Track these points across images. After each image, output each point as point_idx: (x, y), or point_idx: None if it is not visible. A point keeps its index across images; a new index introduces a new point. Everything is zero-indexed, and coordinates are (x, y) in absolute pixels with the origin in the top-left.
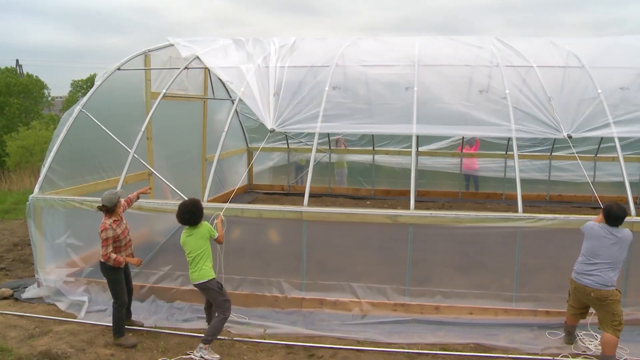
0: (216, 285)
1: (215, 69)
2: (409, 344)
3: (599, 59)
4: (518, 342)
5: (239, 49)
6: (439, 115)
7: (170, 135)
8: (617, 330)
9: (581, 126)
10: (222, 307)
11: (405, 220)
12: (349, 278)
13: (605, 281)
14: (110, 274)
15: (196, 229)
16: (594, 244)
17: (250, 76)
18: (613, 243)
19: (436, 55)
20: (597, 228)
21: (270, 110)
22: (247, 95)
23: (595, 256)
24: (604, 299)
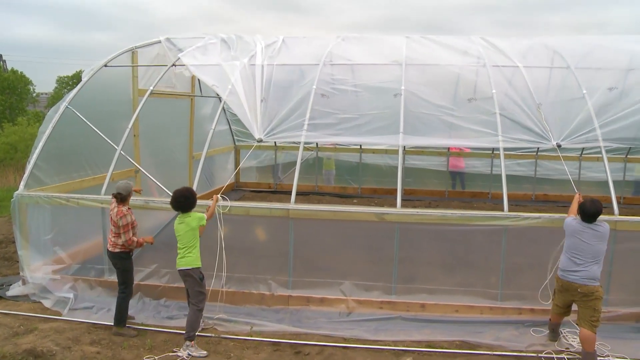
0: (198, 276)
1: (200, 73)
2: (395, 342)
3: (584, 60)
4: (503, 340)
5: (225, 49)
6: (427, 125)
7: (157, 132)
8: (594, 326)
9: (571, 134)
10: (196, 298)
11: (392, 218)
12: (336, 276)
13: (591, 275)
14: (125, 262)
15: (187, 218)
16: (575, 241)
17: (236, 79)
18: (593, 237)
19: (424, 56)
20: (575, 224)
21: (258, 118)
22: (234, 102)
23: (579, 252)
24: (590, 294)
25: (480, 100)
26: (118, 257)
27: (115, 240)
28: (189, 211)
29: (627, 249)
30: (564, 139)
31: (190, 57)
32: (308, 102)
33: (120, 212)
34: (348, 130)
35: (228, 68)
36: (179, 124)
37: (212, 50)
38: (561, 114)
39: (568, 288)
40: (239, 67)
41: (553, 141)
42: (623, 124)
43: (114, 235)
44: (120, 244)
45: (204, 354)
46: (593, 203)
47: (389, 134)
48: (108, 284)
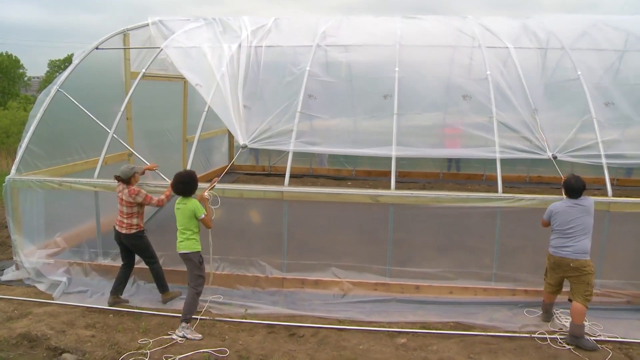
0: (197, 259)
1: (184, 70)
2: (390, 323)
3: (578, 41)
4: (497, 320)
5: (212, 34)
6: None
7: (150, 115)
8: (587, 300)
9: (567, 146)
10: (195, 282)
11: (386, 200)
12: (330, 258)
13: (581, 249)
14: (143, 240)
15: (185, 204)
16: (564, 218)
17: (222, 76)
18: (581, 212)
19: (418, 38)
20: (562, 204)
21: (242, 122)
22: (217, 104)
23: (568, 228)
24: (582, 268)
25: (474, 100)
26: (135, 238)
27: (130, 221)
28: (189, 196)
29: (620, 230)
30: (560, 151)
31: (175, 48)
32: (297, 103)
33: (133, 191)
34: (339, 138)
35: (214, 61)
36: (173, 106)
37: (200, 36)
38: (557, 114)
39: (560, 264)
40: (227, 58)
41: (549, 152)
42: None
43: (128, 216)
44: (135, 223)
45: (198, 337)
46: (577, 179)
47: (382, 144)
48: (102, 268)
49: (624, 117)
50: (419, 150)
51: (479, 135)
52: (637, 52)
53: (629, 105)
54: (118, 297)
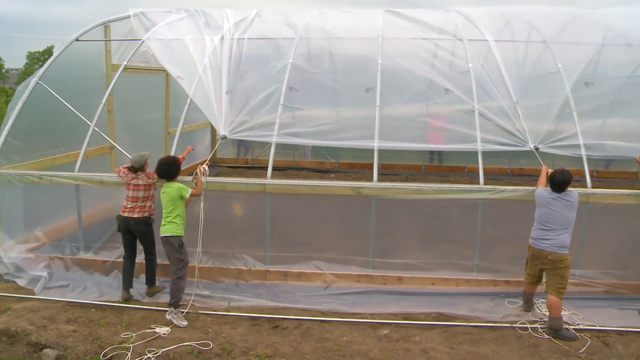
0: (177, 243)
1: (165, 62)
2: (372, 314)
3: (560, 35)
4: (479, 311)
5: (195, 26)
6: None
7: (132, 108)
8: (561, 293)
9: (547, 137)
10: (176, 266)
11: (368, 192)
12: (313, 250)
13: (561, 244)
14: (151, 228)
15: (170, 187)
16: (546, 210)
17: (204, 69)
18: (563, 206)
19: (401, 31)
20: (546, 194)
21: (223, 112)
22: (198, 96)
23: (549, 221)
24: (559, 262)
25: (457, 92)
26: (145, 224)
27: (144, 203)
28: (172, 180)
29: (599, 220)
30: (541, 142)
31: (157, 40)
32: (280, 95)
33: (150, 173)
34: (321, 130)
35: (197, 54)
36: (155, 99)
37: (182, 28)
38: (538, 105)
39: (538, 255)
40: (209, 50)
41: (530, 144)
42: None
43: (144, 200)
44: (149, 206)
45: (184, 324)
46: (562, 173)
47: (365, 136)
48: (84, 262)
49: (603, 110)
50: (401, 143)
51: (461, 129)
52: (616, 47)
53: (608, 98)
54: (129, 293)
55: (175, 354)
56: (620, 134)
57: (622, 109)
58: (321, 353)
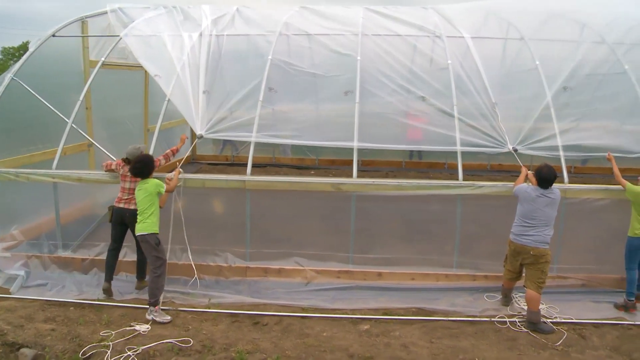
0: (154, 241)
1: (143, 60)
2: (353, 310)
3: (538, 32)
4: (458, 306)
5: (172, 23)
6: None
7: (110, 105)
8: (540, 287)
9: (527, 137)
10: (154, 264)
11: (348, 188)
12: (293, 246)
13: (543, 239)
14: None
15: (146, 183)
16: (529, 207)
17: (183, 67)
18: (547, 203)
19: (381, 29)
20: (530, 190)
21: (200, 112)
22: (176, 95)
23: (532, 218)
24: (540, 257)
25: (436, 88)
26: (136, 215)
27: (133, 196)
28: (148, 177)
29: (576, 215)
30: (519, 143)
31: (135, 37)
32: (259, 92)
33: (155, 161)
34: (301, 128)
35: (175, 52)
36: (134, 95)
37: (160, 25)
38: (517, 104)
39: (520, 251)
40: (188, 47)
41: (509, 145)
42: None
43: (130, 192)
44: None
45: (167, 319)
46: (549, 169)
47: (345, 132)
48: (62, 261)
49: (580, 106)
50: (381, 144)
51: (441, 130)
52: (592, 44)
53: (585, 95)
54: (110, 286)
55: (155, 352)
56: (597, 134)
57: (599, 105)
58: (302, 349)
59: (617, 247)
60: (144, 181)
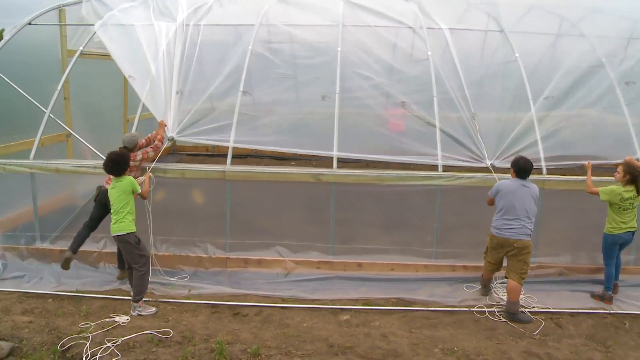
0: (134, 240)
1: (117, 57)
2: (333, 300)
3: (518, 24)
4: (437, 296)
5: (148, 17)
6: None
7: (89, 95)
8: (522, 278)
9: (505, 151)
10: (137, 263)
11: (328, 179)
12: (274, 237)
13: (525, 231)
14: None
15: (120, 182)
16: (510, 198)
17: (157, 66)
18: (527, 194)
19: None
20: (510, 183)
21: (172, 113)
22: (150, 98)
23: (513, 209)
24: (524, 248)
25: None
26: None
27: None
28: (122, 175)
29: (554, 206)
30: (497, 157)
31: (113, 25)
32: (236, 93)
33: (133, 156)
34: (280, 126)
35: (150, 49)
36: (113, 85)
37: (135, 16)
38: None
39: (503, 244)
40: (164, 42)
41: (487, 161)
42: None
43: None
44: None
45: (153, 310)
46: (525, 159)
47: (325, 129)
48: (40, 252)
49: (559, 100)
50: (361, 154)
51: (421, 145)
52: (570, 37)
53: (564, 87)
54: (71, 257)
55: (135, 343)
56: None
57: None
58: (282, 339)
59: (593, 237)
60: (117, 179)
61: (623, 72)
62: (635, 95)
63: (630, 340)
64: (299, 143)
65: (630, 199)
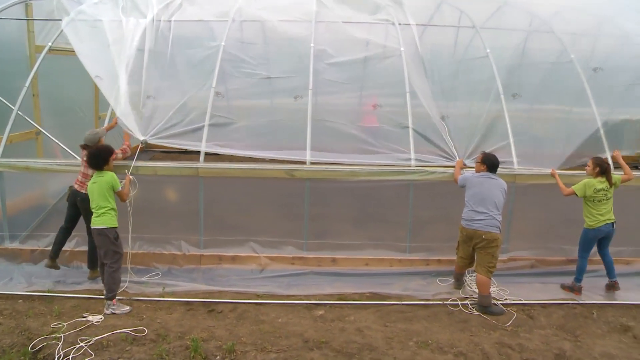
0: (113, 235)
1: (83, 57)
2: (308, 296)
3: (489, 20)
4: (411, 290)
5: (118, 14)
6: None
7: (59, 91)
8: (490, 272)
9: (475, 149)
10: (111, 258)
11: (302, 175)
12: (248, 234)
13: (494, 223)
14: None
15: (101, 177)
16: (478, 190)
17: (127, 65)
18: (495, 186)
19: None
20: (477, 176)
21: (142, 115)
22: (115, 99)
23: (482, 201)
24: (493, 241)
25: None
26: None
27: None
28: (102, 169)
29: (525, 200)
30: (468, 156)
31: (80, 21)
32: (207, 100)
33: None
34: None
35: (117, 49)
36: (84, 82)
37: (104, 13)
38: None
39: (472, 236)
40: (135, 39)
41: (458, 159)
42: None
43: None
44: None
45: (127, 309)
46: (494, 156)
47: (299, 127)
48: (9, 252)
49: (529, 96)
50: (334, 156)
51: (393, 144)
52: (541, 33)
53: (534, 83)
54: (55, 262)
55: (109, 342)
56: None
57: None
58: (257, 335)
59: (563, 230)
60: (99, 174)
61: (591, 67)
62: (603, 88)
63: (597, 329)
64: (272, 145)
65: (604, 190)
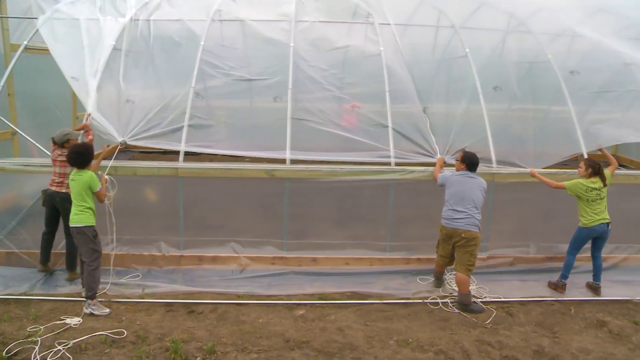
0: (91, 233)
1: (57, 56)
2: (289, 296)
3: (468, 20)
4: (392, 288)
5: (95, 13)
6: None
7: (36, 91)
8: (469, 270)
9: (456, 145)
10: (90, 257)
11: (282, 174)
12: (228, 234)
13: (474, 222)
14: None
15: (80, 175)
16: (458, 189)
17: (100, 69)
18: (475, 185)
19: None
20: (457, 175)
21: (121, 119)
22: (97, 105)
23: (462, 200)
24: (472, 239)
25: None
26: (69, 200)
27: (63, 179)
28: (85, 167)
29: (504, 198)
30: (448, 153)
31: (57, 20)
32: (187, 100)
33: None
34: (233, 127)
35: (95, 49)
36: (61, 81)
37: (81, 13)
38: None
39: (452, 235)
40: (112, 38)
41: (439, 156)
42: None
43: (61, 176)
44: (67, 184)
45: (106, 311)
46: (474, 154)
47: (279, 126)
48: None
49: (507, 95)
50: (314, 154)
51: (372, 141)
52: (518, 33)
53: (512, 82)
54: (48, 266)
55: (87, 345)
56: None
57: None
58: (238, 336)
59: (542, 228)
60: (78, 172)
61: (568, 67)
62: (579, 88)
63: (575, 325)
64: (252, 145)
65: (597, 190)
